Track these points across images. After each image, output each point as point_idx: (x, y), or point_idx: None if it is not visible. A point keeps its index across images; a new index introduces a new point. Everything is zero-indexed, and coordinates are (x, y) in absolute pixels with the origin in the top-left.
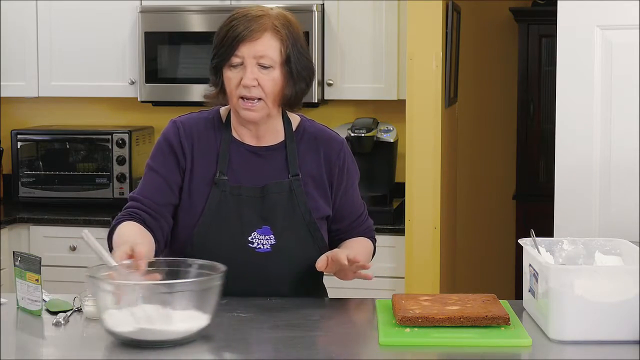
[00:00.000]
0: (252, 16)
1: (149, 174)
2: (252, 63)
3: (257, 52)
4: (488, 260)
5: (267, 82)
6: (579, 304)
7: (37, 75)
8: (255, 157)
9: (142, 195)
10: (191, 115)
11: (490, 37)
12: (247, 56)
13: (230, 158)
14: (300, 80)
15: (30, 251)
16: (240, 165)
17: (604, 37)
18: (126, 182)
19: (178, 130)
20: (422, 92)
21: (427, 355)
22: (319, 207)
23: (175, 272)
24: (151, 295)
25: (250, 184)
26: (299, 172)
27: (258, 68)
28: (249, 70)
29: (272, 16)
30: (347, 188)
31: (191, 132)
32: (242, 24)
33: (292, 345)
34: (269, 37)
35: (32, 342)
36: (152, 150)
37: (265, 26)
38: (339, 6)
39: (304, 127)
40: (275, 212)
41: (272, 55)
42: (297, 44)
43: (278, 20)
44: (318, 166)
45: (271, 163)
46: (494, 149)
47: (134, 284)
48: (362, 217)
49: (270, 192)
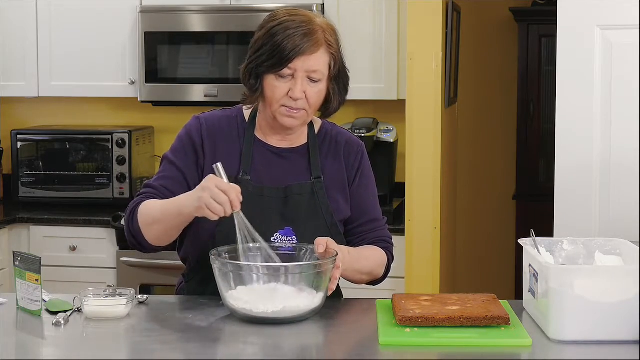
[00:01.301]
0: (305, 30)
1: (166, 165)
2: (303, 76)
3: (310, 67)
4: (488, 260)
5: (314, 95)
6: (579, 304)
7: (37, 75)
8: (278, 158)
9: (159, 183)
10: (214, 113)
11: (490, 37)
12: (300, 69)
13: (253, 158)
14: (343, 92)
15: (30, 251)
16: (262, 166)
17: (604, 37)
18: (126, 182)
19: (201, 127)
20: (422, 92)
21: (427, 355)
22: (340, 209)
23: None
24: (274, 275)
25: (272, 184)
26: (322, 175)
27: (307, 81)
28: (299, 84)
29: (325, 30)
30: (358, 189)
31: (214, 129)
32: (298, 37)
33: (291, 344)
34: (322, 52)
35: (32, 342)
36: (173, 144)
37: (321, 42)
38: (339, 6)
39: (326, 129)
40: (298, 213)
41: (322, 70)
42: (342, 57)
43: (329, 34)
44: (339, 168)
45: (294, 164)
46: (494, 149)
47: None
48: (375, 224)
49: (293, 194)
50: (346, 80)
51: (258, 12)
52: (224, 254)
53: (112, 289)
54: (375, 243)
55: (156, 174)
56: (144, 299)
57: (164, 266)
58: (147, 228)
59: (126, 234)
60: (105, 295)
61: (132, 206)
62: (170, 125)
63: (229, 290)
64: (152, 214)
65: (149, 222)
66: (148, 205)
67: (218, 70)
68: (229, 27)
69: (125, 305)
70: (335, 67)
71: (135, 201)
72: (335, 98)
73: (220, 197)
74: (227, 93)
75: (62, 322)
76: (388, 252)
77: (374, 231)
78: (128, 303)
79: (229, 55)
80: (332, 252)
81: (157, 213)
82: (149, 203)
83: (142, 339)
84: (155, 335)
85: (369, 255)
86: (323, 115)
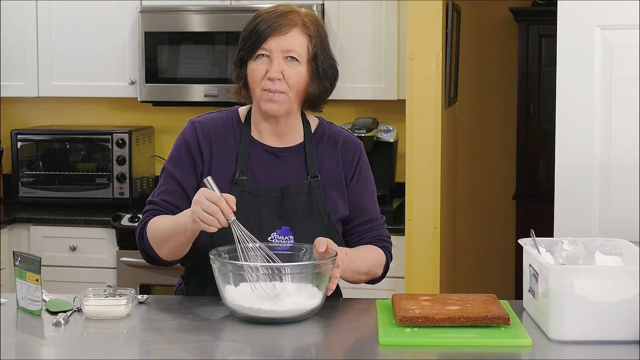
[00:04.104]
0: (281, 12)
1: (166, 178)
2: (279, 57)
3: (285, 46)
4: (488, 260)
5: (293, 75)
6: (579, 304)
7: (37, 75)
8: (274, 158)
9: (160, 198)
10: (209, 115)
11: (490, 37)
12: (275, 49)
13: (249, 158)
14: (325, 79)
15: (30, 251)
16: (259, 166)
17: (604, 37)
18: (126, 182)
19: (196, 132)
20: (422, 92)
21: (427, 355)
22: (337, 209)
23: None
24: (274, 275)
25: (269, 184)
26: (318, 174)
27: (285, 61)
28: (275, 63)
29: (301, 13)
30: (356, 187)
31: (209, 132)
32: (270, 19)
33: (291, 344)
34: (297, 32)
35: (32, 342)
36: (171, 152)
37: (295, 22)
38: (339, 6)
39: (322, 128)
40: (295, 213)
41: (299, 50)
42: (324, 43)
43: (307, 17)
44: (336, 167)
45: (290, 164)
46: (494, 149)
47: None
48: (373, 223)
49: (290, 193)
50: (330, 68)
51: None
52: (224, 254)
53: (112, 289)
54: (373, 242)
55: (157, 187)
56: (144, 299)
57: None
58: (158, 247)
59: (140, 252)
60: (105, 295)
61: (140, 226)
62: (170, 125)
63: (228, 290)
64: (159, 234)
65: (158, 241)
66: (154, 225)
67: (218, 70)
68: (229, 27)
69: (125, 305)
70: (314, 49)
71: (142, 220)
72: (314, 82)
73: (211, 207)
74: (227, 93)
75: (62, 322)
76: (386, 251)
77: (372, 230)
78: (128, 303)
79: (228, 55)
80: (332, 252)
81: (164, 233)
82: (155, 222)
83: (142, 339)
84: (155, 335)
85: (366, 255)
86: (310, 107)
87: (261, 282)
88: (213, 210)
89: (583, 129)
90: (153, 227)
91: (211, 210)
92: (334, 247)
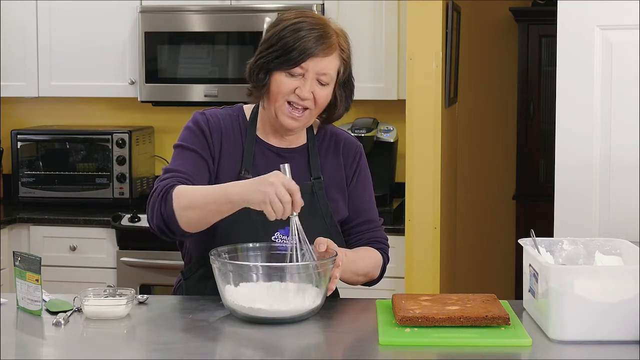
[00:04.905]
0: (321, 31)
1: (184, 152)
2: (313, 77)
3: (321, 69)
4: (488, 260)
5: (322, 97)
6: (579, 304)
7: (37, 75)
8: (278, 158)
9: (185, 168)
10: (216, 110)
11: (490, 37)
12: (311, 70)
13: (254, 157)
14: (349, 99)
15: (30, 251)
16: (263, 165)
17: (604, 37)
18: (126, 182)
19: (207, 120)
20: (422, 92)
21: (427, 355)
22: (339, 209)
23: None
24: (274, 275)
25: None
26: (321, 175)
27: (316, 83)
28: (308, 83)
29: (338, 35)
30: (355, 189)
31: (219, 124)
32: (312, 39)
33: (291, 344)
34: (334, 56)
35: (32, 342)
36: (181, 135)
37: (334, 46)
38: (339, 6)
39: (324, 130)
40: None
41: (332, 74)
42: (351, 65)
43: (343, 40)
44: (338, 168)
45: (293, 165)
46: (494, 149)
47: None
48: (371, 224)
49: None
50: (352, 88)
51: (258, 12)
52: (224, 254)
53: (112, 289)
54: (370, 244)
55: (174, 161)
56: (144, 299)
57: (164, 266)
58: (183, 212)
59: (154, 219)
60: (105, 295)
61: (163, 189)
62: (170, 125)
63: (228, 290)
64: (192, 198)
65: (186, 205)
66: (186, 189)
67: (218, 70)
68: (229, 27)
69: (125, 305)
70: (345, 73)
71: (166, 184)
72: (342, 104)
73: (285, 196)
74: (227, 93)
75: (62, 322)
76: (383, 252)
77: (369, 232)
78: (128, 303)
79: (228, 55)
80: (332, 252)
81: (199, 198)
82: (187, 187)
83: (142, 339)
84: (155, 335)
85: (364, 256)
86: (327, 121)
87: (261, 282)
88: (286, 200)
89: (583, 129)
90: (183, 191)
91: (285, 199)
92: (334, 247)
